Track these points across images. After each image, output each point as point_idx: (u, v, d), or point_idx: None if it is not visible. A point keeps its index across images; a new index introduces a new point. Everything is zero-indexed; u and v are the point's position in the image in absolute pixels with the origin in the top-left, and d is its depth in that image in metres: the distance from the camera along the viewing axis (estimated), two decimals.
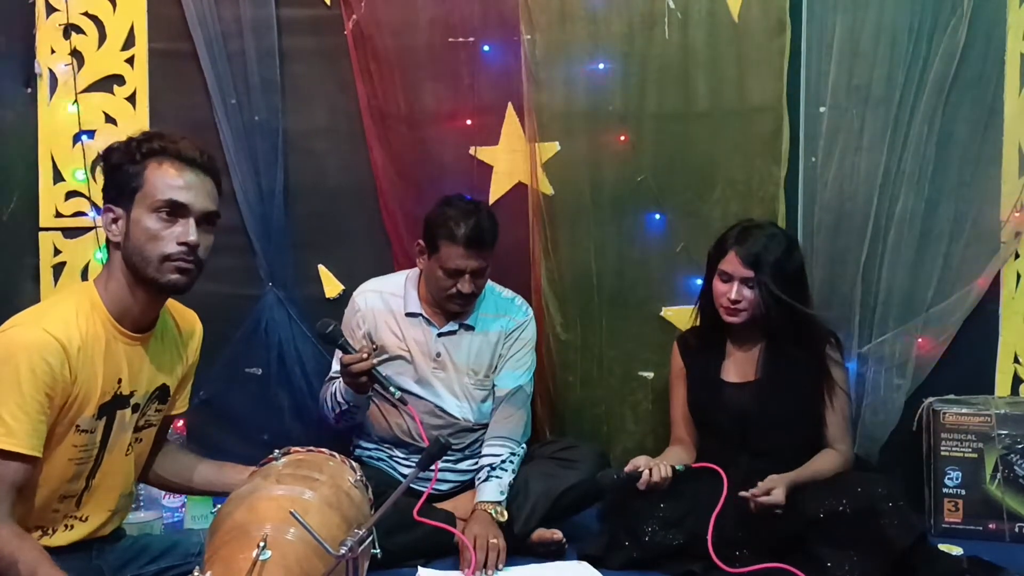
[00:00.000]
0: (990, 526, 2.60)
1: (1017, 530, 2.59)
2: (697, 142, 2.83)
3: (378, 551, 1.69)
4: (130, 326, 1.80)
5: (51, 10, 2.87)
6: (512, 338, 2.63)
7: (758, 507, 2.22)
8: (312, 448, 1.81)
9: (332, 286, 2.93)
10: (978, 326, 2.78)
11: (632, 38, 2.81)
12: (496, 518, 2.33)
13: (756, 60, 2.78)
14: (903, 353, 2.76)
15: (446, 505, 2.49)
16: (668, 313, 2.86)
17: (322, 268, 2.93)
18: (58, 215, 2.91)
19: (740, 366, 2.51)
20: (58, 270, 2.92)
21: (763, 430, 2.42)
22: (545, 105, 2.83)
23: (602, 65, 2.82)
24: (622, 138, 2.84)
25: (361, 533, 1.50)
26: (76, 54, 2.87)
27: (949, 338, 2.77)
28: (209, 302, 2.09)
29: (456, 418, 2.58)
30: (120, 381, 1.79)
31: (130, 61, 2.89)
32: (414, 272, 2.63)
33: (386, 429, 2.60)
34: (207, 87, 2.85)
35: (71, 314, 1.72)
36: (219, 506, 1.66)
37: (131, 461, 1.90)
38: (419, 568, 2.26)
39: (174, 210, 1.74)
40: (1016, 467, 2.59)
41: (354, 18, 2.82)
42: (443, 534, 2.24)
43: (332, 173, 2.94)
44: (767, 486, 2.23)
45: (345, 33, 2.84)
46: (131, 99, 2.90)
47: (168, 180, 1.74)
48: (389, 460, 2.62)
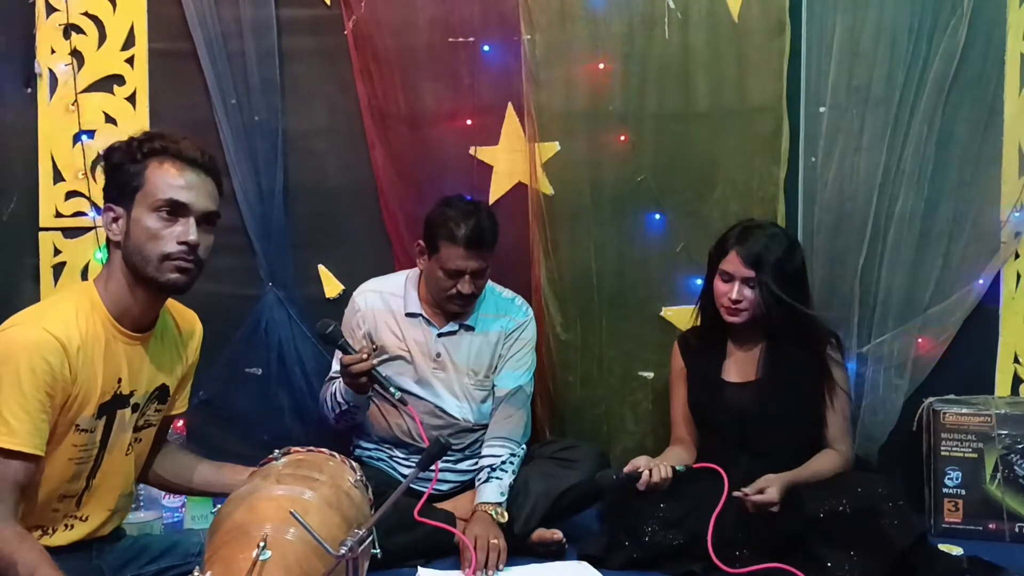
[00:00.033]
0: (990, 526, 2.60)
1: (1017, 530, 2.59)
2: (697, 142, 2.83)
3: (378, 551, 1.69)
4: (130, 326, 1.81)
5: (51, 10, 2.87)
6: (512, 338, 2.63)
7: (753, 506, 2.22)
8: (312, 448, 1.81)
9: (332, 286, 2.93)
10: (978, 326, 2.78)
11: (632, 38, 2.81)
12: (497, 519, 2.33)
13: (756, 60, 2.78)
14: (903, 353, 2.76)
15: (446, 505, 2.48)
16: (668, 313, 2.86)
17: (322, 268, 2.93)
18: (58, 215, 2.91)
19: (741, 366, 2.51)
20: (58, 270, 2.92)
21: (763, 430, 2.42)
22: (545, 105, 2.83)
23: (602, 65, 2.82)
24: (622, 138, 2.84)
25: (361, 533, 1.50)
26: (76, 54, 2.87)
27: (949, 338, 2.77)
28: (209, 302, 2.09)
29: (456, 418, 2.58)
30: (120, 381, 1.79)
31: (130, 61, 2.89)
32: (414, 272, 2.63)
33: (386, 429, 2.60)
34: (207, 87, 2.85)
35: (71, 314, 1.72)
36: (219, 506, 1.66)
37: (131, 461, 1.90)
38: (419, 568, 2.26)
39: (174, 209, 1.74)
40: (1016, 467, 2.59)
41: (354, 18, 2.82)
42: (443, 534, 2.24)
43: (332, 173, 2.94)
44: (760, 485, 2.23)
45: (345, 33, 2.84)
46: (131, 99, 2.90)
47: (169, 180, 1.74)
48: (389, 460, 2.62)
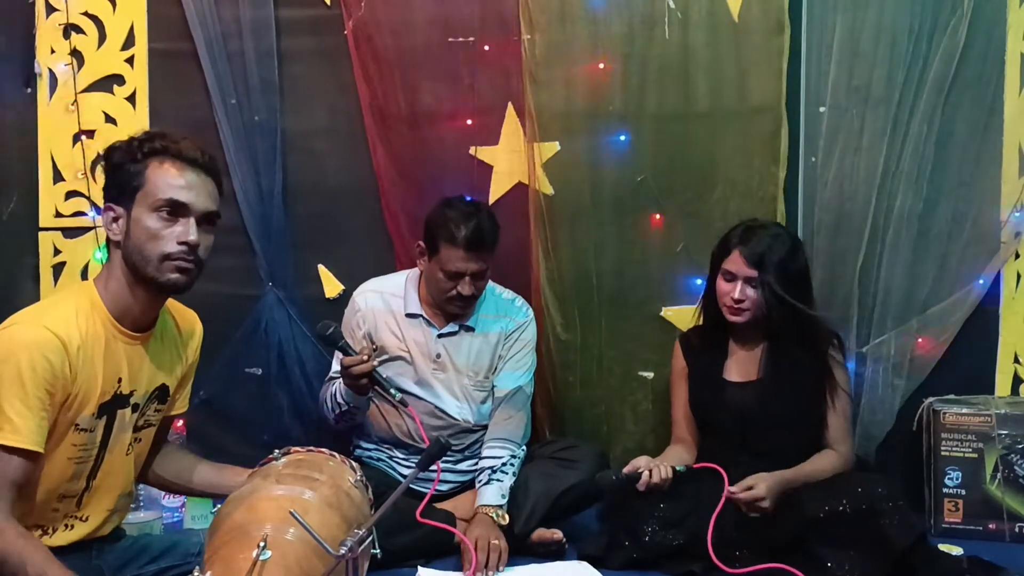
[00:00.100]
0: (990, 526, 2.60)
1: (1017, 530, 2.59)
2: (697, 142, 2.83)
3: (378, 551, 1.69)
4: (130, 326, 1.81)
5: (51, 10, 2.87)
6: (512, 339, 2.63)
7: (745, 505, 2.22)
8: (312, 448, 1.81)
9: (332, 286, 2.93)
10: (978, 326, 2.78)
11: (632, 38, 2.81)
12: (498, 522, 2.33)
13: (756, 60, 2.78)
14: (902, 353, 2.76)
15: (446, 505, 2.48)
16: (668, 313, 2.86)
17: (322, 268, 2.93)
18: (58, 215, 2.91)
19: (743, 365, 2.50)
20: (58, 270, 2.92)
21: (764, 430, 2.42)
22: (545, 105, 2.83)
23: (602, 65, 2.82)
24: (622, 138, 2.84)
25: (361, 533, 1.50)
26: (76, 54, 2.87)
27: (949, 338, 2.77)
28: (209, 302, 2.09)
29: (456, 419, 2.58)
30: (120, 380, 1.79)
31: (130, 61, 2.89)
32: (414, 272, 2.63)
33: (386, 430, 2.60)
34: (207, 87, 2.85)
35: (71, 313, 1.72)
36: (219, 506, 1.66)
37: (131, 461, 1.90)
38: (419, 568, 2.26)
39: (175, 209, 1.74)
40: (1016, 467, 2.59)
41: (354, 18, 2.82)
42: (443, 534, 2.24)
43: (332, 173, 2.94)
44: (747, 483, 2.23)
45: (345, 33, 2.84)
46: (131, 99, 2.90)
47: (169, 179, 1.74)
48: (389, 460, 2.62)
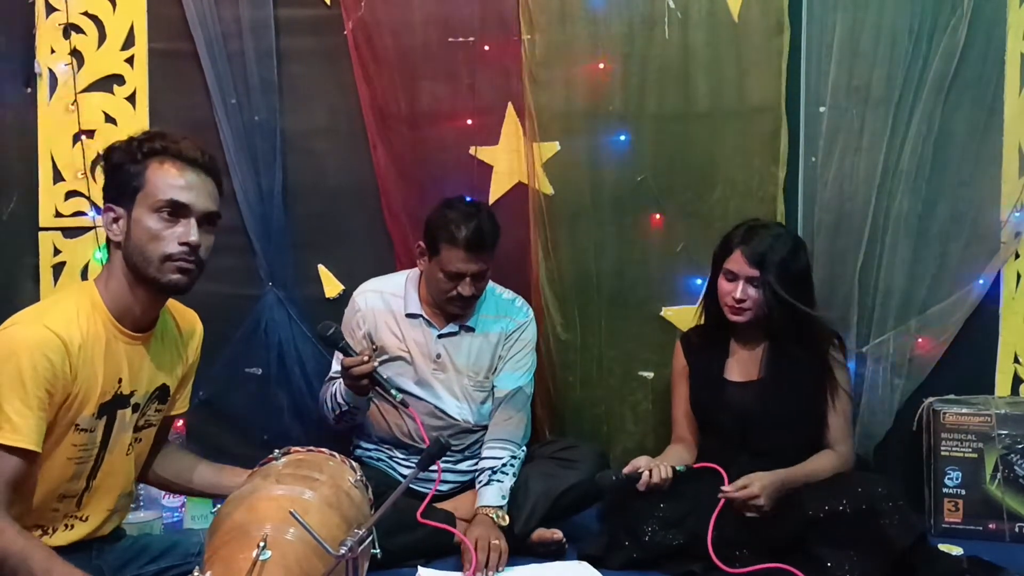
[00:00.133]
0: (990, 526, 2.60)
1: (1017, 530, 2.59)
2: (697, 142, 2.83)
3: (378, 551, 1.69)
4: (130, 326, 1.81)
5: (51, 10, 2.87)
6: (512, 339, 2.63)
7: (741, 505, 2.23)
8: (312, 448, 1.81)
9: (332, 286, 2.93)
10: (978, 326, 2.78)
11: (632, 38, 2.81)
12: (498, 522, 2.32)
13: (756, 60, 2.78)
14: (902, 353, 2.76)
15: (446, 505, 2.48)
16: (668, 313, 2.86)
17: (322, 268, 2.93)
18: (58, 215, 2.91)
19: (744, 365, 2.50)
20: (58, 270, 2.92)
21: (765, 430, 2.42)
22: (545, 105, 2.83)
23: (602, 65, 2.82)
24: (622, 138, 2.84)
25: (361, 533, 1.50)
26: (76, 54, 2.87)
27: (949, 338, 2.77)
28: (209, 302, 2.09)
29: (456, 419, 2.58)
30: (120, 381, 1.79)
31: (130, 61, 2.89)
32: (414, 272, 2.63)
33: (386, 430, 2.60)
34: (207, 87, 2.85)
35: (72, 312, 1.72)
36: (219, 506, 1.66)
37: (131, 461, 1.90)
38: (419, 568, 2.26)
39: (175, 210, 1.74)
40: (1016, 467, 2.59)
41: (354, 18, 2.82)
42: (443, 534, 2.24)
43: (332, 173, 2.93)
44: (742, 482, 2.24)
45: (345, 33, 2.84)
46: (131, 99, 2.90)
47: (169, 180, 1.74)
48: (389, 460, 2.62)
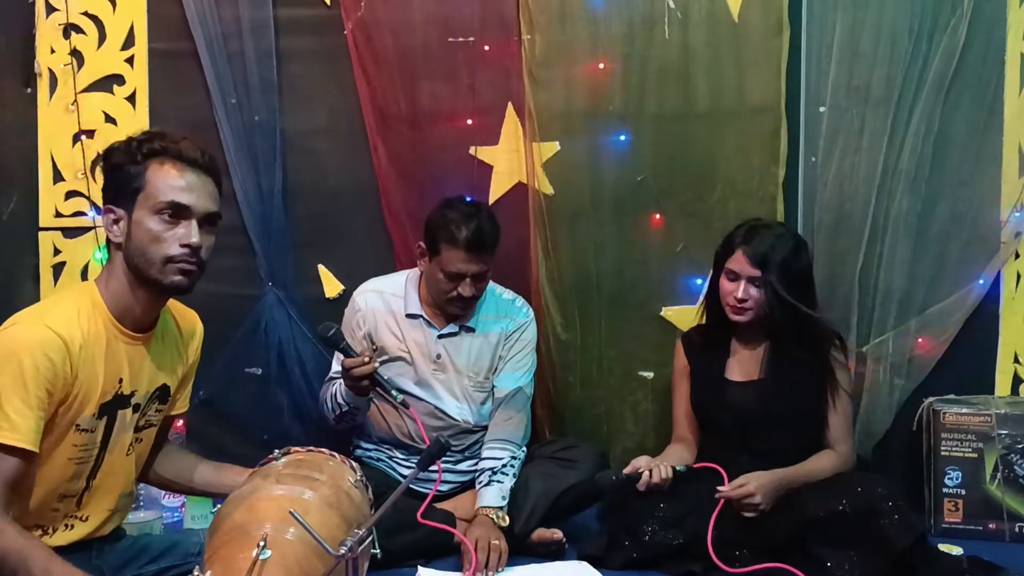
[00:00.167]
0: (990, 526, 2.60)
1: (1017, 530, 2.59)
2: (697, 142, 2.83)
3: (378, 551, 1.69)
4: (131, 326, 1.81)
5: (51, 10, 2.87)
6: (512, 339, 2.63)
7: (738, 504, 2.23)
8: (312, 448, 1.81)
9: (332, 286, 2.92)
10: (978, 326, 2.78)
11: (632, 38, 2.81)
12: (498, 523, 2.32)
13: (756, 60, 2.78)
14: (903, 353, 2.76)
15: (446, 505, 2.48)
16: (668, 313, 2.86)
17: (322, 268, 2.93)
18: (58, 215, 2.91)
19: (745, 365, 2.50)
20: (58, 270, 2.92)
21: (765, 430, 2.42)
22: (545, 105, 2.83)
23: (602, 65, 2.82)
24: (622, 138, 2.84)
25: (361, 533, 1.50)
26: (76, 54, 2.87)
27: (949, 338, 2.77)
28: (209, 302, 2.09)
29: (456, 420, 2.58)
30: (121, 381, 1.79)
31: (130, 61, 2.89)
32: (414, 273, 2.63)
33: (386, 430, 2.60)
34: (207, 87, 2.85)
35: (73, 312, 1.72)
36: (219, 506, 1.66)
37: (132, 461, 1.90)
38: (419, 568, 2.26)
39: (176, 212, 1.74)
40: (1016, 467, 2.59)
41: (354, 18, 2.82)
42: (443, 534, 2.24)
43: (332, 173, 2.93)
44: (739, 482, 2.24)
45: (345, 33, 2.84)
46: (131, 99, 2.90)
47: (170, 181, 1.74)
48: (389, 461, 2.62)
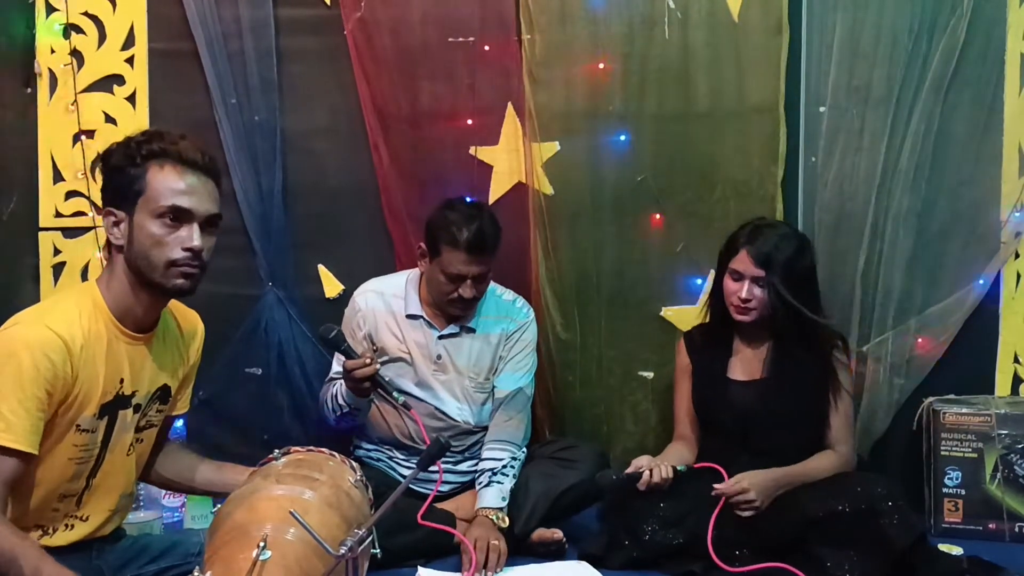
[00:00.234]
0: (990, 526, 2.60)
1: (1017, 530, 2.59)
2: (697, 142, 2.83)
3: (378, 551, 1.69)
4: (132, 326, 1.80)
5: (51, 10, 2.88)
6: (513, 340, 2.62)
7: (733, 502, 2.23)
8: (312, 448, 1.81)
9: (332, 286, 2.93)
10: (978, 326, 2.78)
11: (632, 38, 2.81)
12: (498, 524, 2.32)
13: (756, 60, 2.78)
14: (902, 353, 2.76)
15: (447, 505, 2.48)
16: (668, 313, 2.86)
17: (322, 268, 2.93)
18: (58, 215, 2.92)
19: (747, 364, 2.50)
20: (58, 270, 2.92)
21: (766, 429, 2.42)
22: (545, 105, 2.83)
23: (602, 65, 2.82)
24: (622, 138, 2.84)
25: (361, 533, 1.50)
26: (76, 54, 2.87)
27: (949, 338, 2.77)
28: (209, 302, 2.08)
29: (456, 420, 2.58)
30: (122, 381, 1.79)
31: (130, 61, 2.89)
32: (415, 273, 2.63)
33: (386, 431, 2.60)
34: (207, 87, 2.85)
35: (74, 312, 1.72)
36: (219, 506, 1.66)
37: (132, 461, 1.90)
38: (419, 568, 2.26)
39: (177, 215, 1.74)
40: (1016, 467, 2.59)
41: (354, 18, 2.82)
42: (443, 534, 2.24)
43: (332, 173, 2.94)
44: (735, 480, 2.24)
45: (345, 33, 2.84)
46: (131, 99, 2.90)
47: (170, 184, 1.73)
48: (389, 461, 2.61)
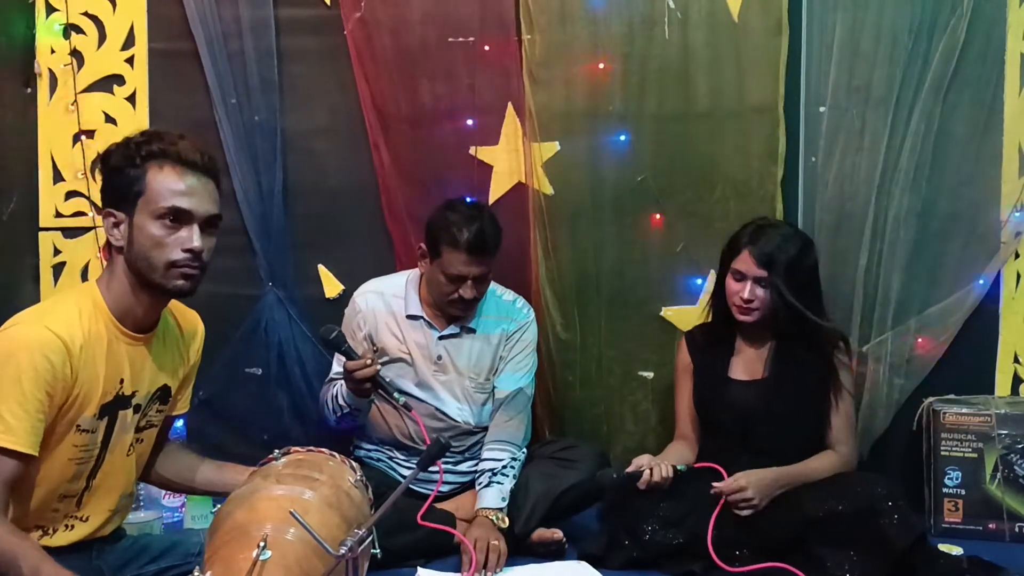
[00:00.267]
0: (990, 526, 2.60)
1: (1017, 530, 2.59)
2: (697, 142, 2.83)
3: (378, 551, 1.69)
4: (132, 326, 1.80)
5: (51, 10, 2.88)
6: (513, 340, 2.62)
7: (732, 501, 2.23)
8: (312, 448, 1.81)
9: (332, 286, 2.93)
10: (978, 326, 2.77)
11: (632, 38, 2.81)
12: (498, 524, 2.32)
13: (756, 60, 2.78)
14: (902, 353, 2.76)
15: (447, 505, 2.48)
16: (668, 313, 2.86)
17: (322, 268, 2.93)
18: (58, 215, 2.92)
19: (749, 364, 2.50)
20: (58, 270, 2.92)
21: (767, 429, 2.42)
22: (545, 105, 2.83)
23: (602, 65, 2.82)
24: (622, 138, 2.84)
25: (361, 533, 1.50)
26: (76, 54, 2.88)
27: (949, 338, 2.76)
28: (209, 302, 2.08)
29: (456, 421, 2.58)
30: (122, 381, 1.79)
31: (130, 61, 2.90)
32: (415, 273, 2.62)
33: (386, 431, 2.60)
34: (207, 87, 2.86)
35: (73, 313, 1.72)
36: (219, 506, 1.66)
37: (132, 461, 1.90)
38: (419, 568, 2.26)
39: (177, 217, 1.73)
40: (1016, 467, 2.59)
41: (354, 18, 2.82)
42: (443, 535, 2.24)
43: (332, 173, 2.94)
44: (733, 479, 2.25)
45: (345, 33, 2.84)
46: (131, 99, 2.90)
47: (170, 185, 1.73)
48: (389, 461, 2.61)
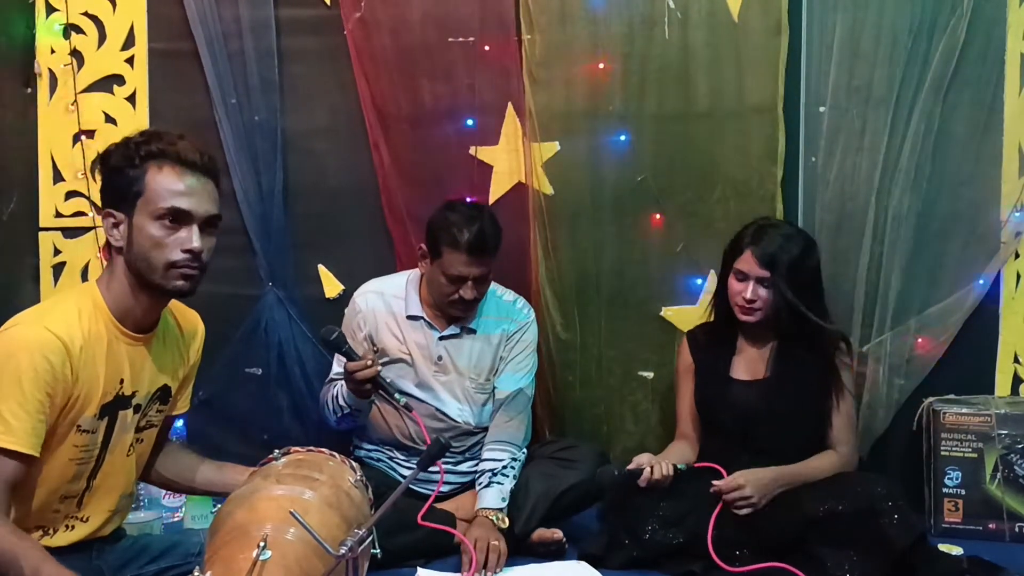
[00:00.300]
0: (990, 526, 2.60)
1: (1017, 530, 2.59)
2: (697, 142, 2.83)
3: (378, 551, 1.69)
4: (132, 327, 1.80)
5: (51, 10, 2.88)
6: (513, 340, 2.62)
7: (731, 500, 2.23)
8: (312, 448, 1.81)
9: (332, 286, 2.93)
10: (978, 326, 2.77)
11: (632, 38, 2.81)
12: (498, 524, 2.32)
13: (756, 60, 2.78)
14: (902, 353, 2.76)
15: (447, 505, 2.48)
16: (668, 313, 2.86)
17: (322, 268, 2.93)
18: (58, 215, 2.92)
19: (751, 363, 2.50)
20: (58, 270, 2.92)
21: (768, 429, 2.42)
22: (545, 105, 2.83)
23: (602, 65, 2.82)
24: (622, 138, 2.84)
25: (361, 533, 1.50)
26: (76, 54, 2.88)
27: (949, 338, 2.76)
28: (209, 302, 2.08)
29: (457, 421, 2.58)
30: (122, 381, 1.79)
31: (130, 61, 2.90)
32: (415, 274, 2.62)
33: (386, 431, 2.60)
34: (207, 87, 2.86)
35: (73, 313, 1.72)
36: (219, 506, 1.66)
37: (132, 461, 1.90)
38: (419, 568, 2.26)
39: (177, 217, 1.73)
40: (1016, 467, 2.59)
41: (354, 18, 2.82)
42: (443, 535, 2.24)
43: (332, 173, 2.94)
44: (732, 478, 2.25)
45: (345, 33, 2.84)
46: (131, 99, 2.90)
47: (170, 186, 1.73)
48: (389, 461, 2.61)
